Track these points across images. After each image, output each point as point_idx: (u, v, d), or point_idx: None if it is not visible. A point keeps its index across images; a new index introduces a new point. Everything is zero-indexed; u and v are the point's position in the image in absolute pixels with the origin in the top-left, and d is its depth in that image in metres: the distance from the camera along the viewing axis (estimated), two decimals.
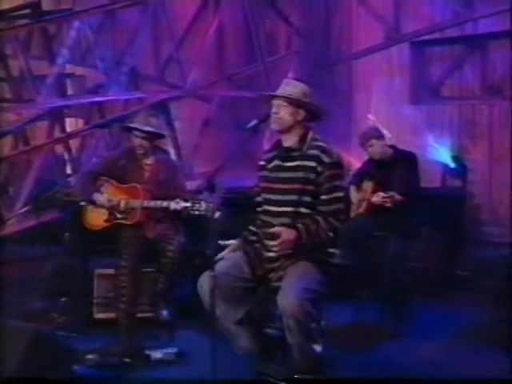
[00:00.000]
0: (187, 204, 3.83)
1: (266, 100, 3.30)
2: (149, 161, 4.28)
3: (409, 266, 4.42)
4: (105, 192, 4.17)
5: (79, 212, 4.26)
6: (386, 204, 4.27)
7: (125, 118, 6.13)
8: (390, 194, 4.25)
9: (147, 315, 4.22)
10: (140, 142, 4.20)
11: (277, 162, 3.29)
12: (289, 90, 3.22)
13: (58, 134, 6.60)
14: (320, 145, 3.20)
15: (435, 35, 6.59)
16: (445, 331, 4.26)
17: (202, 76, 7.08)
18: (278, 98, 3.22)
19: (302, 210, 3.16)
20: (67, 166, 6.80)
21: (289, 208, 3.17)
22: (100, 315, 4.34)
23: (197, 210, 3.77)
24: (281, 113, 3.20)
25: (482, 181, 6.25)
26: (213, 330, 2.92)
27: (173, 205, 3.95)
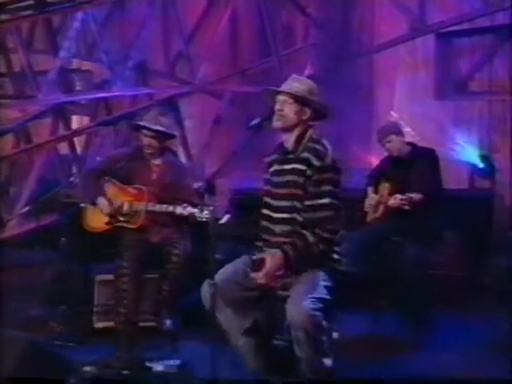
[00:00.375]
0: (194, 210, 3.77)
1: (270, 95, 3.19)
2: (157, 161, 4.19)
3: (429, 273, 4.35)
4: (108, 193, 4.08)
5: (79, 214, 4.20)
6: (404, 207, 4.19)
7: (132, 115, 6.28)
8: (407, 195, 4.17)
9: (149, 324, 4.16)
10: (149, 142, 4.12)
11: (276, 165, 3.24)
12: (295, 86, 3.13)
13: (61, 131, 6.55)
14: (314, 147, 3.09)
15: (463, 26, 6.51)
16: (468, 342, 4.12)
17: (213, 71, 7.04)
18: (283, 93, 3.13)
19: (297, 217, 3.06)
20: (71, 165, 6.77)
21: (285, 214, 3.11)
22: (100, 324, 4.27)
23: (205, 216, 3.69)
24: (285, 110, 3.12)
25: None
26: (213, 339, 2.89)
27: (179, 209, 3.87)
